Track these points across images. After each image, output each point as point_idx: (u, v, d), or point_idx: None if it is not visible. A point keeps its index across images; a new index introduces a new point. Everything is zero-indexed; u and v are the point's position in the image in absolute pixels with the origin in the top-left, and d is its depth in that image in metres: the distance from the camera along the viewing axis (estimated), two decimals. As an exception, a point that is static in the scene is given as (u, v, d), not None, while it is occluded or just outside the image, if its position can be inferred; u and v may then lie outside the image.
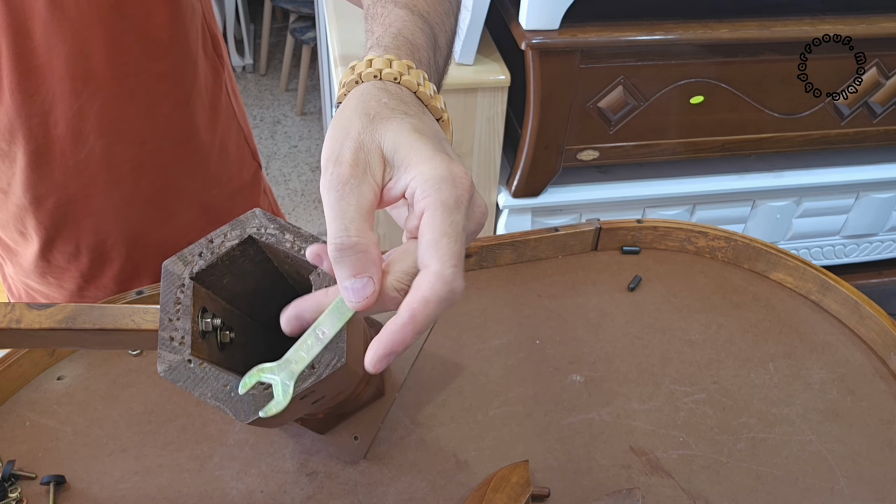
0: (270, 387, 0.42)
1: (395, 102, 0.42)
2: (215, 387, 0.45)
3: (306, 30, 2.78)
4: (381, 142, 0.39)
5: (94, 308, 0.49)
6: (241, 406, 0.44)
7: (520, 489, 0.57)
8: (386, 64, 0.44)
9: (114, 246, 0.78)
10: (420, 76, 0.45)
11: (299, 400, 0.45)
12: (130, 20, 0.66)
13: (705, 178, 1.44)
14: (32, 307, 0.49)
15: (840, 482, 0.60)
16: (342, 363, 0.44)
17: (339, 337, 0.45)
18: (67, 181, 0.72)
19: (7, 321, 0.48)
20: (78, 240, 0.77)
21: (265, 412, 0.40)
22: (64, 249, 0.78)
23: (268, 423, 0.46)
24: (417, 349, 0.64)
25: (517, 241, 0.78)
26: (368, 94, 0.42)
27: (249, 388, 0.40)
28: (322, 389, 0.46)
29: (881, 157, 1.50)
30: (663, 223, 0.81)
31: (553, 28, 1.16)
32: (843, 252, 1.63)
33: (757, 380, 0.68)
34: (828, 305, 0.75)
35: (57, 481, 0.57)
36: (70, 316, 0.49)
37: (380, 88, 0.43)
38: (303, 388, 0.44)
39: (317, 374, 0.44)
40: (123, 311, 0.49)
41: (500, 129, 1.30)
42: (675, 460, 0.61)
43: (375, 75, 0.44)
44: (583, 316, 0.74)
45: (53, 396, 0.64)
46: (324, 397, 0.48)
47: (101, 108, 0.69)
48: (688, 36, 1.20)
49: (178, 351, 0.45)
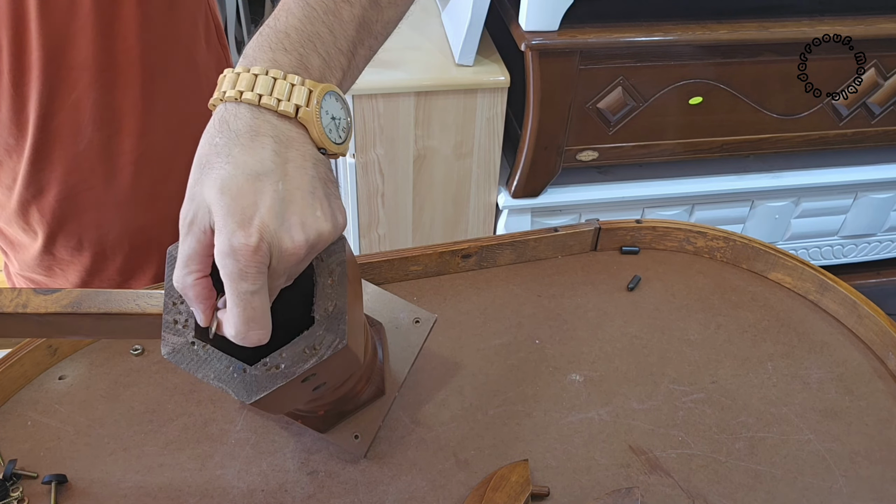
0: (273, 367, 0.44)
1: (225, 141, 0.42)
2: (218, 368, 0.45)
3: (306, 30, 2.78)
4: (205, 196, 0.41)
5: (99, 293, 0.50)
6: (243, 387, 0.44)
7: (519, 488, 0.57)
8: (249, 84, 0.43)
9: (116, 238, 0.78)
10: (285, 89, 0.43)
11: (301, 383, 0.45)
12: (125, 8, 0.65)
13: (704, 179, 1.44)
14: (38, 292, 0.50)
15: (838, 481, 0.60)
16: (343, 344, 0.45)
17: (340, 319, 0.45)
18: (68, 174, 0.72)
19: (13, 305, 0.49)
20: (80, 233, 0.77)
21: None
22: (67, 243, 0.77)
23: (270, 406, 0.47)
24: (418, 349, 0.64)
25: (517, 242, 0.78)
26: (210, 130, 0.43)
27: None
28: (324, 373, 0.46)
29: (879, 158, 1.51)
30: (662, 223, 0.81)
31: (552, 29, 1.17)
32: (841, 252, 1.64)
33: (756, 379, 0.68)
34: (826, 305, 0.76)
35: (58, 480, 0.57)
36: (75, 300, 0.50)
37: (221, 121, 0.43)
38: (305, 369, 0.44)
39: (318, 356, 0.44)
40: (128, 296, 0.50)
41: (499, 129, 1.30)
42: (674, 459, 0.61)
43: (236, 97, 0.43)
44: (582, 316, 0.74)
45: (55, 396, 0.64)
46: (325, 384, 0.49)
47: (97, 99, 0.68)
48: (687, 37, 1.20)
49: (181, 333, 0.46)
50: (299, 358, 0.45)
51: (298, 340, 0.45)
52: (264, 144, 0.42)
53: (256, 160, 0.41)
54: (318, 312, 0.46)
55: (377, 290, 0.66)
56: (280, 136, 0.43)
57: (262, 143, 0.42)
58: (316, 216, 0.42)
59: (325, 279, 0.47)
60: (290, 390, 0.46)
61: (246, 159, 0.41)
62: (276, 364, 0.45)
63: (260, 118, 0.43)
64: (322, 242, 0.43)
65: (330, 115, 0.45)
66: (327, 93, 0.45)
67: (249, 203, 0.40)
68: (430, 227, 1.42)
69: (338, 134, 0.46)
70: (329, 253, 0.48)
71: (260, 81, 0.43)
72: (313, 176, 0.43)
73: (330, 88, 0.45)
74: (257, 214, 0.40)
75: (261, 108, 0.43)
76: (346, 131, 0.47)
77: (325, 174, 0.44)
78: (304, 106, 0.43)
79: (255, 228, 0.40)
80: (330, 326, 0.45)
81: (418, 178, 1.33)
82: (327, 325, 0.45)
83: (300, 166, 0.42)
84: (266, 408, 0.47)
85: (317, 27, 0.46)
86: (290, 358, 0.45)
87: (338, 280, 0.47)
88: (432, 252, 0.76)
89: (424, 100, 1.24)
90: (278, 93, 0.43)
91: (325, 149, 0.45)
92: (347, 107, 0.47)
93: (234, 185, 0.40)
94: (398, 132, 1.27)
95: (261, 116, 0.43)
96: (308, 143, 0.44)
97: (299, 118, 0.43)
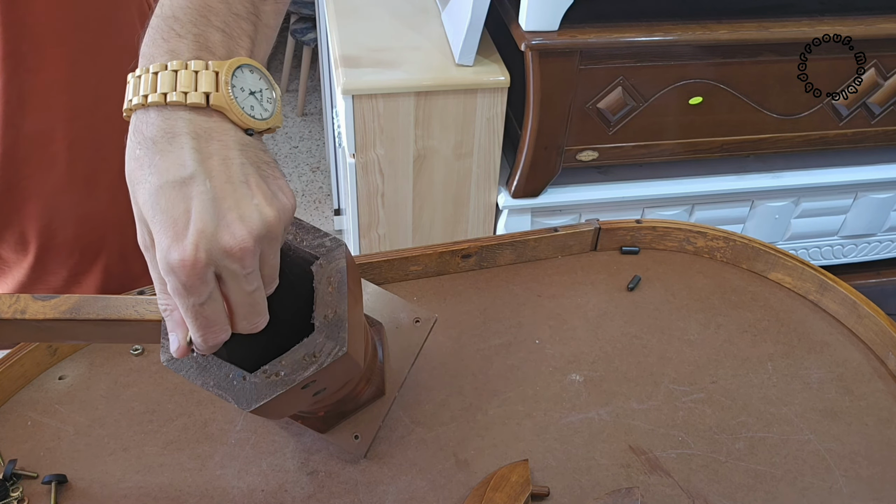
0: (273, 375, 0.43)
1: (144, 151, 0.40)
2: (218, 375, 0.45)
3: (307, 31, 2.78)
4: (143, 215, 0.40)
5: (97, 298, 0.50)
6: (242, 394, 0.44)
7: (519, 488, 0.57)
8: (151, 85, 0.40)
9: (60, 230, 0.74)
10: (190, 79, 0.40)
11: (301, 390, 0.45)
12: None
13: (704, 179, 1.44)
14: (37, 298, 0.50)
15: (838, 481, 0.60)
16: (343, 352, 0.45)
17: (340, 327, 0.45)
18: (1, 166, 0.68)
19: (12, 312, 0.49)
20: (22, 227, 0.73)
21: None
22: (10, 239, 0.74)
23: (269, 412, 0.47)
24: (418, 349, 0.64)
25: (517, 242, 0.78)
26: (129, 144, 0.41)
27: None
28: (323, 380, 0.46)
29: (879, 158, 1.51)
30: (662, 223, 0.81)
31: (552, 29, 1.17)
32: (841, 252, 1.64)
33: (755, 379, 0.68)
34: (826, 305, 0.76)
35: (58, 480, 0.57)
36: (74, 307, 0.50)
37: (136, 131, 0.41)
38: (305, 377, 0.44)
39: (318, 363, 0.44)
40: (127, 302, 0.50)
41: (499, 129, 1.30)
42: (674, 459, 0.61)
43: (142, 103, 0.41)
44: (582, 316, 0.74)
45: (55, 396, 0.64)
46: (325, 389, 0.49)
47: (8, 80, 0.64)
48: (687, 37, 1.20)
49: None
50: (299, 366, 0.45)
51: (298, 348, 0.45)
52: (182, 145, 0.39)
53: (178, 164, 0.39)
54: (317, 319, 0.46)
55: (377, 289, 0.66)
56: (196, 132, 0.40)
57: (179, 145, 0.39)
58: (255, 205, 0.40)
59: (324, 286, 0.47)
60: (290, 397, 0.45)
61: (167, 166, 0.39)
62: (276, 371, 0.45)
63: (171, 118, 0.40)
64: (273, 230, 0.41)
65: (247, 90, 0.42)
66: (237, 68, 0.42)
67: (181, 212, 0.38)
68: (430, 227, 1.42)
69: (262, 108, 0.43)
70: (329, 260, 0.47)
71: (161, 79, 0.40)
72: (242, 163, 0.40)
73: (239, 62, 0.42)
74: (191, 222, 0.38)
75: (169, 106, 0.40)
76: (272, 102, 0.44)
77: (256, 157, 0.42)
78: (214, 91, 0.40)
79: (190, 240, 0.38)
80: (330, 334, 0.45)
81: (418, 178, 1.33)
82: (327, 332, 0.45)
83: (224, 158, 0.40)
84: (266, 414, 0.47)
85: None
86: (290, 366, 0.45)
87: (337, 287, 0.46)
88: (432, 252, 0.76)
89: (424, 100, 1.24)
90: (183, 85, 0.40)
91: (252, 128, 0.42)
92: (267, 75, 0.44)
93: (161, 197, 0.39)
94: (398, 132, 1.26)
95: (172, 116, 0.40)
96: (229, 129, 0.41)
97: (212, 105, 0.40)
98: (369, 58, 1.25)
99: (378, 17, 1.37)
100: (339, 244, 0.48)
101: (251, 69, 0.43)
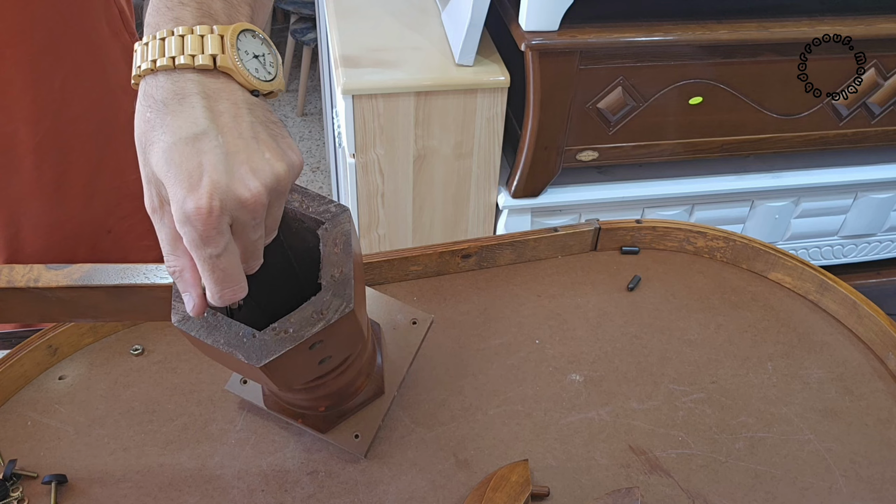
0: (282, 332, 0.45)
1: (155, 114, 0.41)
2: (228, 333, 0.46)
3: (307, 31, 2.78)
4: (155, 173, 0.41)
5: (108, 267, 0.52)
6: (252, 350, 0.45)
7: (519, 488, 0.57)
8: (160, 50, 0.42)
9: (29, 237, 0.74)
10: (196, 43, 0.42)
11: (308, 350, 0.46)
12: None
13: (704, 179, 1.44)
14: (50, 268, 0.52)
15: (838, 481, 0.60)
16: (350, 308, 0.46)
17: (346, 284, 0.46)
18: None
19: (25, 280, 0.51)
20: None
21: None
22: None
23: (278, 373, 0.47)
24: (416, 349, 0.64)
25: (517, 242, 0.78)
26: (139, 109, 0.42)
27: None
28: (330, 342, 0.47)
29: (879, 158, 1.51)
30: (662, 223, 0.81)
31: (552, 29, 1.17)
32: (841, 252, 1.64)
33: (755, 379, 0.68)
34: (826, 305, 0.76)
35: (58, 480, 0.57)
36: (86, 275, 0.51)
37: (146, 95, 0.42)
38: (313, 333, 0.45)
39: (326, 319, 0.45)
40: (137, 269, 0.52)
41: (499, 129, 1.30)
42: (674, 459, 0.61)
43: (151, 69, 0.42)
44: (582, 316, 0.74)
45: (55, 396, 0.64)
46: (330, 357, 0.50)
47: None
48: (687, 37, 1.20)
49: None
50: (307, 322, 0.46)
51: (306, 306, 0.46)
52: (193, 104, 0.41)
53: (190, 122, 0.40)
54: (324, 279, 0.47)
55: (373, 292, 0.66)
56: (206, 91, 0.41)
57: (190, 104, 0.41)
58: (266, 159, 0.41)
59: (330, 247, 0.48)
60: (298, 357, 0.46)
61: (180, 124, 0.40)
62: (285, 328, 0.46)
63: (181, 80, 0.41)
64: (282, 184, 0.42)
65: (251, 54, 0.44)
66: (241, 32, 0.43)
67: (194, 166, 0.40)
68: (430, 227, 1.42)
69: (266, 71, 0.44)
70: (334, 224, 0.49)
71: (169, 44, 0.42)
72: (251, 121, 0.42)
73: (242, 27, 0.44)
74: (205, 175, 0.39)
75: (178, 69, 0.41)
76: (275, 66, 0.45)
77: (264, 116, 0.43)
78: (221, 53, 0.42)
79: (205, 190, 0.39)
80: (337, 291, 0.46)
81: (418, 178, 1.33)
82: (334, 290, 0.46)
83: (235, 115, 0.41)
84: (275, 377, 0.47)
85: None
86: (299, 322, 0.46)
87: (343, 248, 0.48)
88: (432, 252, 0.76)
89: (424, 100, 1.24)
90: (190, 48, 0.41)
91: (258, 90, 0.43)
92: (269, 41, 0.46)
93: (175, 153, 0.40)
94: (398, 132, 1.27)
95: (181, 78, 0.41)
96: (236, 89, 0.42)
97: (219, 67, 0.42)
98: (369, 58, 1.25)
99: (378, 17, 1.37)
100: (343, 209, 0.49)
101: (253, 34, 0.44)
